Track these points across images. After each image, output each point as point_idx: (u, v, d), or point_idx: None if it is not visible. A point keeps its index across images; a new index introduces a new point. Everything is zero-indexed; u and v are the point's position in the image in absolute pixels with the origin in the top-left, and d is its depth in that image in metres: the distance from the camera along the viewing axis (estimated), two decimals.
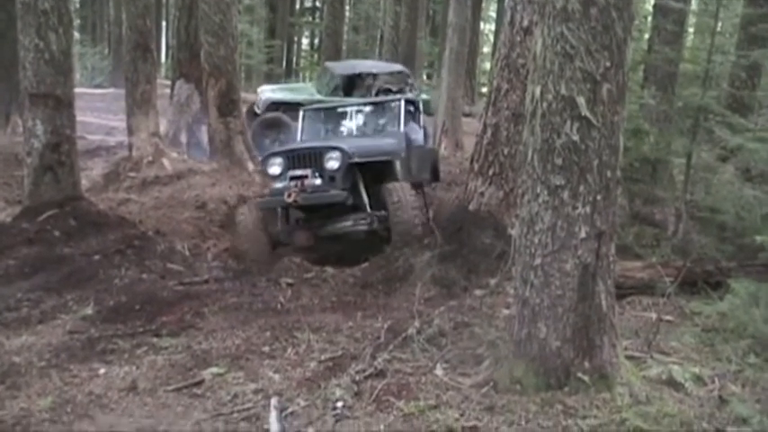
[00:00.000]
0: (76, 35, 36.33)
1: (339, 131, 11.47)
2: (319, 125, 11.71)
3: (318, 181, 9.15)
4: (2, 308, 7.03)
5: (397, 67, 20.72)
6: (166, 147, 14.97)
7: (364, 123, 11.36)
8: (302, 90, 19.73)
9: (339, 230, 9.42)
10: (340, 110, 11.75)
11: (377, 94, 19.59)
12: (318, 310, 7.20)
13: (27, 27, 9.35)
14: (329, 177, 9.20)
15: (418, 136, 11.35)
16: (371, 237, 9.36)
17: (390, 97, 12.07)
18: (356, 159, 9.35)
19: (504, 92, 8.72)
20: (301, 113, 11.86)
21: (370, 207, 9.40)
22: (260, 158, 11.66)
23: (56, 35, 9.39)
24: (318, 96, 18.02)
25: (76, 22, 36.85)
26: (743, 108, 11.04)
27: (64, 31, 9.55)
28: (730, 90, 11.93)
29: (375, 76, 19.25)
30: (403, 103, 11.08)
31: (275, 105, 17.83)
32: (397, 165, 9.99)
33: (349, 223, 9.31)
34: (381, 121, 11.46)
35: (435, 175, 12.12)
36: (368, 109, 11.60)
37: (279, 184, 9.43)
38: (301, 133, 11.56)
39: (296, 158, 9.51)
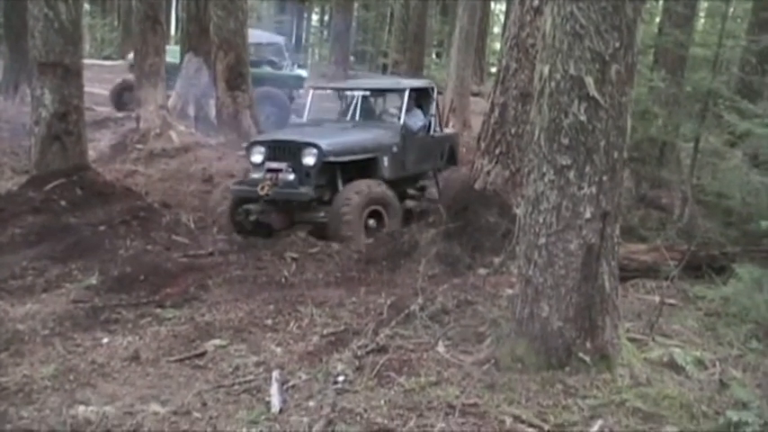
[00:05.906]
0: (86, 6, 36.25)
1: (341, 114, 11.40)
2: (326, 105, 11.67)
3: (292, 176, 9.07)
4: (7, 276, 7.06)
5: (274, 38, 20.86)
6: (174, 119, 15.01)
7: (368, 108, 11.22)
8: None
9: (312, 219, 9.40)
10: (347, 93, 11.63)
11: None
12: (322, 284, 7.22)
13: None
14: (305, 173, 9.12)
15: (420, 123, 11.14)
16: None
17: (396, 86, 11.78)
18: (331, 159, 9.24)
19: (513, 71, 8.69)
20: (311, 93, 11.86)
21: None
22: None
23: (65, 5, 9.38)
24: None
25: None
26: (752, 93, 10.97)
27: (73, 0, 9.53)
28: (740, 75, 11.89)
29: None
30: (408, 92, 10.75)
31: None
32: (384, 161, 9.87)
33: (321, 214, 9.25)
34: (385, 108, 11.51)
35: (452, 159, 12.02)
36: (373, 94, 11.46)
37: (256, 174, 9.36)
38: (308, 112, 11.46)
39: (276, 149, 9.43)
